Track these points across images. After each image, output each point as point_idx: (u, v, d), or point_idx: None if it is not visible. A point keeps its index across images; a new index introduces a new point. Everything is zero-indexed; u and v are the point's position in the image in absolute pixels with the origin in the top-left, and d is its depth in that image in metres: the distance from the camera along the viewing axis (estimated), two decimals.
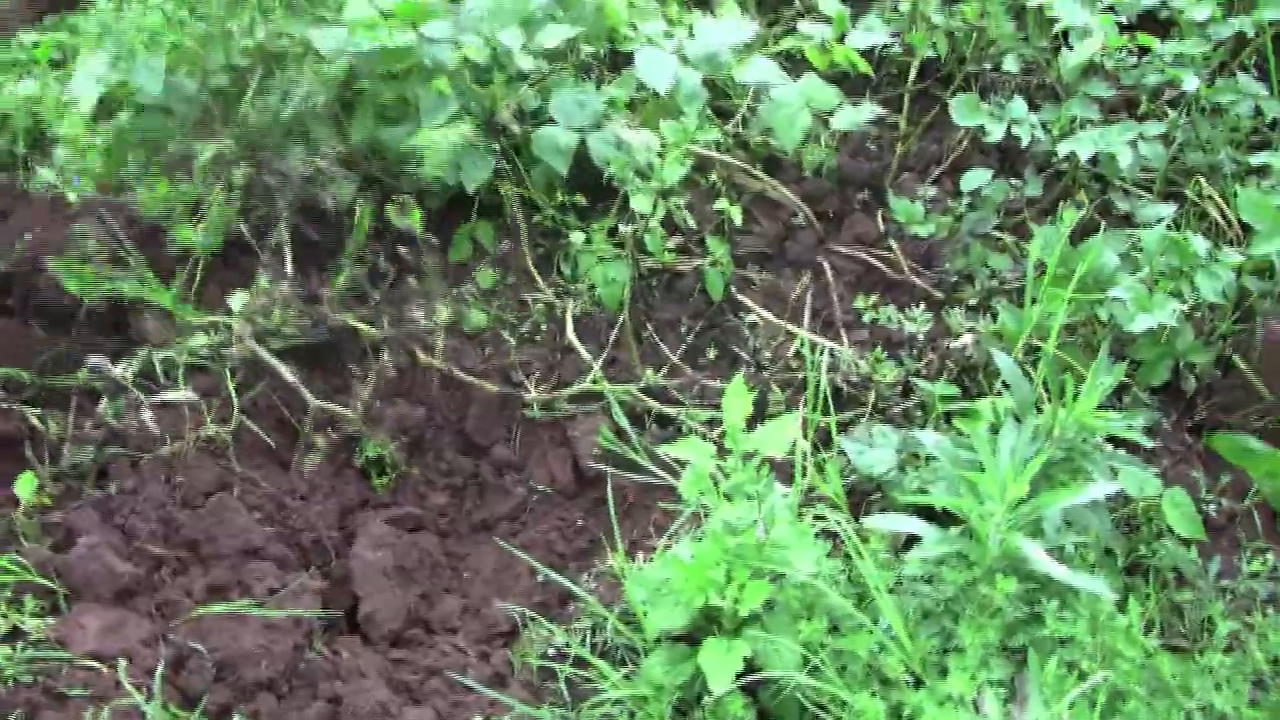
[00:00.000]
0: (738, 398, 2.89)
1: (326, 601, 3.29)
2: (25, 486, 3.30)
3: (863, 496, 3.43)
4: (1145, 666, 2.90)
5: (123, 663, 2.98)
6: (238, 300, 3.73)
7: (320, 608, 3.26)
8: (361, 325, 3.82)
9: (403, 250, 3.89)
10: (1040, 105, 4.16)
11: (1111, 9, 4.03)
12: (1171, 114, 4.03)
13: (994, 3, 4.21)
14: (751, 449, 2.90)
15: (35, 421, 3.53)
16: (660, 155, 3.66)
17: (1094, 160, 3.85)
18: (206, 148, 3.96)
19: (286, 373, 3.67)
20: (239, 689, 3.04)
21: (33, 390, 3.63)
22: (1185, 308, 3.50)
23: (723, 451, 2.97)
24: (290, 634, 3.14)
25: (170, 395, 3.58)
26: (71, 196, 3.89)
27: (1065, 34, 4.00)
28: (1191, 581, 3.34)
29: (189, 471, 3.47)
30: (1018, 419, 3.10)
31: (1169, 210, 3.83)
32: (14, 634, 3.02)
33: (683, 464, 3.50)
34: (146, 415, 3.50)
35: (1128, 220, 3.93)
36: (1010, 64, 4.14)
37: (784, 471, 3.41)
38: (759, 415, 3.37)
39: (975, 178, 4.02)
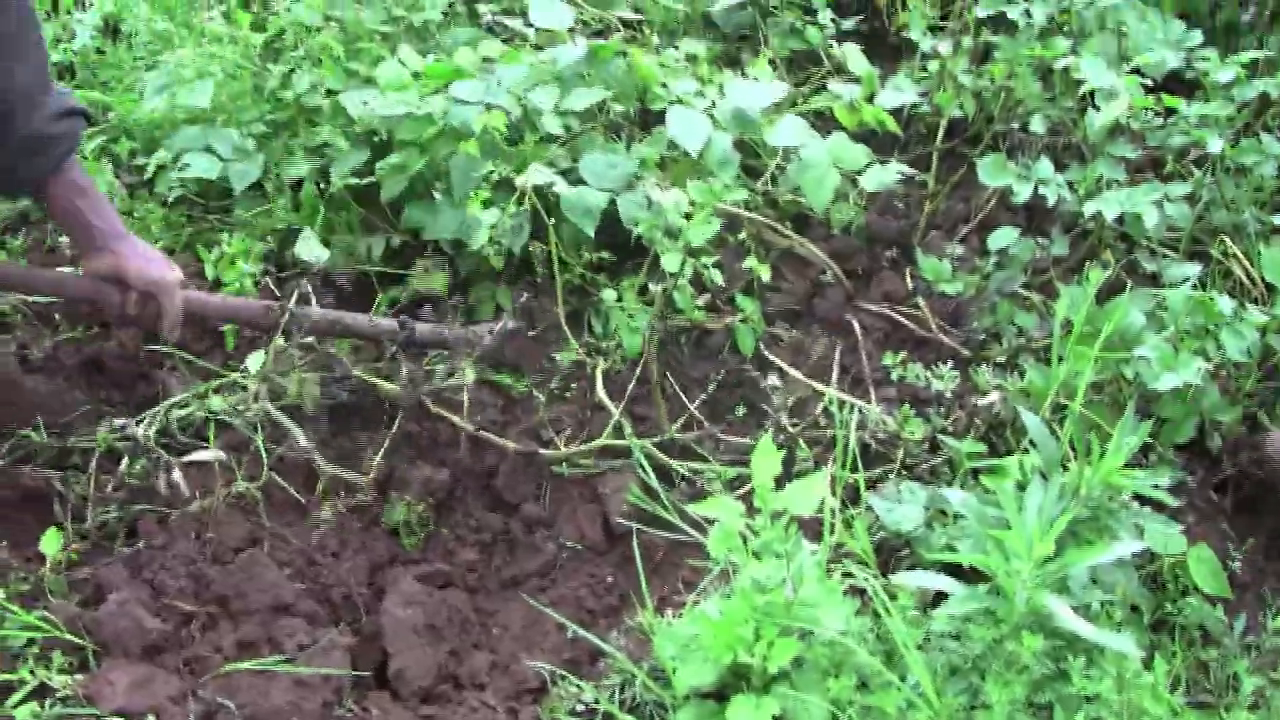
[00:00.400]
0: (766, 457, 2.91)
1: (356, 658, 3.30)
2: (51, 543, 3.31)
3: (891, 553, 3.44)
4: None
5: (151, 719, 3.01)
6: (254, 361, 3.76)
7: (350, 664, 3.27)
8: (384, 383, 3.85)
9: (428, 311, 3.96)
10: (1067, 165, 4.18)
11: (1137, 70, 4.06)
12: (1196, 174, 4.05)
13: (1021, 64, 4.24)
14: (780, 507, 2.92)
15: (58, 484, 3.57)
16: (688, 216, 3.68)
17: (1120, 220, 3.87)
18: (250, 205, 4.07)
19: (301, 437, 3.69)
20: None
21: (55, 449, 3.67)
22: (1210, 366, 3.52)
23: (751, 510, 2.99)
24: (320, 690, 3.16)
25: (200, 455, 3.60)
26: None
27: (1091, 95, 4.02)
28: (1217, 639, 3.34)
29: (219, 528, 3.50)
30: (1044, 477, 3.11)
31: (1194, 270, 3.84)
32: (42, 690, 3.03)
33: (711, 521, 3.53)
34: (176, 475, 3.53)
35: (1153, 280, 3.95)
36: (1037, 125, 4.17)
37: (812, 528, 3.42)
38: (787, 472, 3.39)
39: (1002, 237, 4.04)
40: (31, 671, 3.05)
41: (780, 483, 2.98)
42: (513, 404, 4.00)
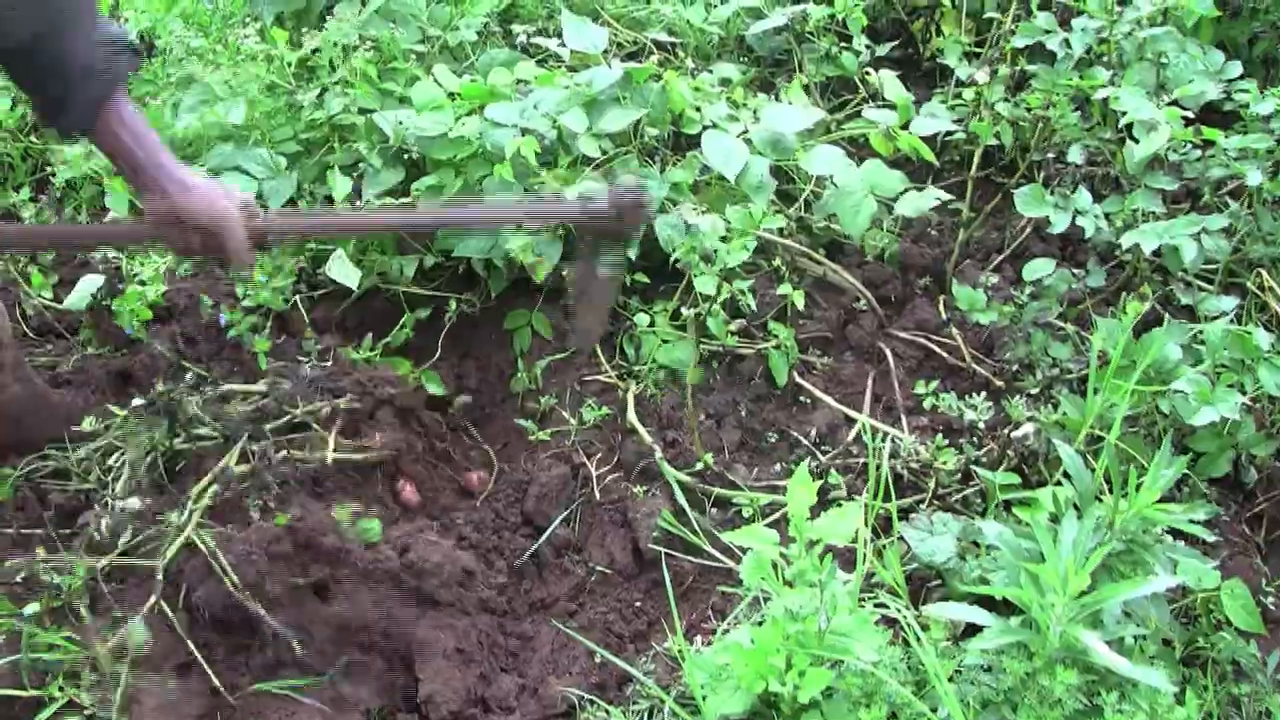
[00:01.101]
0: (802, 486, 2.90)
1: (385, 681, 3.29)
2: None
3: (921, 584, 3.43)
4: None
5: None
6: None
7: (379, 688, 3.27)
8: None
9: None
10: (1104, 196, 4.16)
11: (1175, 102, 4.04)
12: (1233, 205, 4.03)
13: (1059, 93, 4.23)
14: (815, 537, 2.90)
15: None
16: (725, 239, 3.68)
17: (1157, 252, 3.85)
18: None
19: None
20: None
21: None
22: (1247, 400, 3.50)
23: (784, 538, 2.98)
24: (350, 714, 3.16)
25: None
26: None
27: (1129, 126, 4.00)
28: (1250, 674, 3.31)
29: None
30: (1078, 509, 3.10)
31: (1233, 303, 3.82)
32: (70, 706, 3.04)
33: (743, 548, 3.52)
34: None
35: (1189, 312, 3.93)
36: (1075, 155, 4.15)
37: (844, 557, 3.41)
38: (819, 500, 3.38)
39: (1038, 268, 4.02)
40: (61, 689, 3.05)
41: (813, 511, 2.97)
42: (543, 426, 4.01)
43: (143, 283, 4.00)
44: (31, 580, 3.28)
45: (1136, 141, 3.94)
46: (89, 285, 4.10)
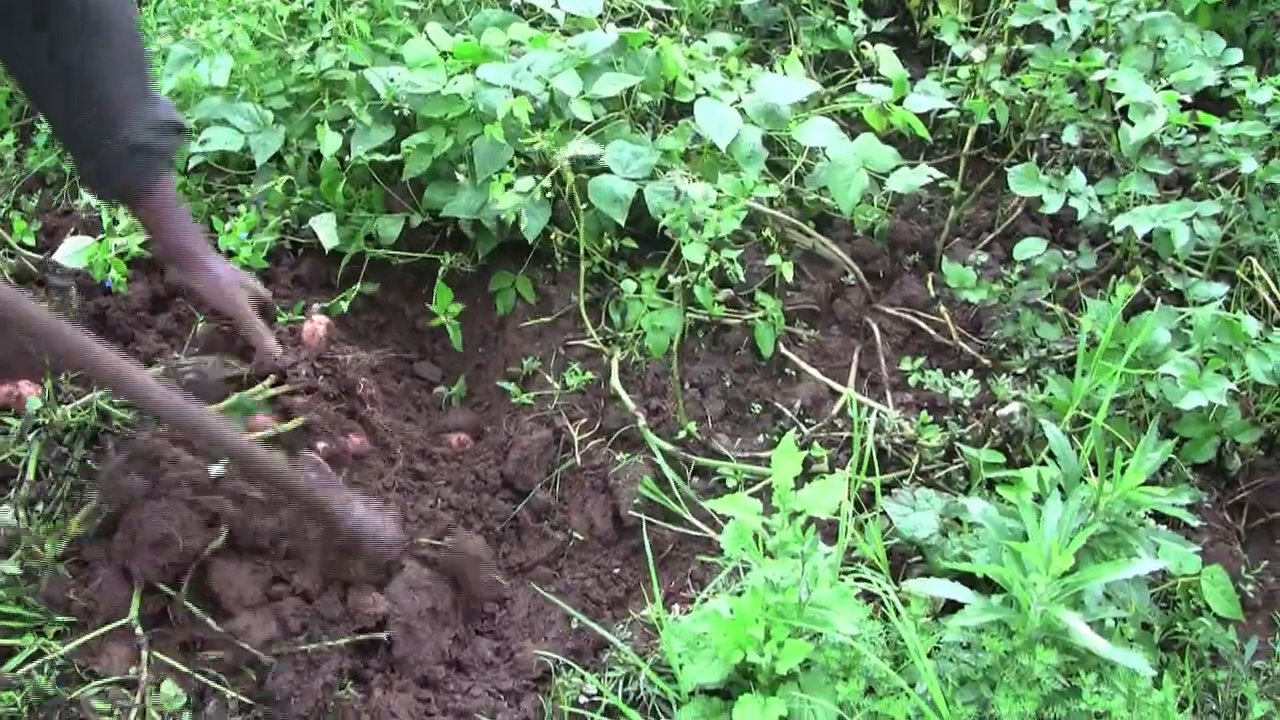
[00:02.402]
0: (787, 457, 2.88)
1: (359, 641, 3.27)
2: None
3: (901, 559, 3.42)
4: None
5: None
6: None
7: (353, 647, 3.26)
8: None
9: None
10: (1097, 178, 4.15)
11: (1170, 87, 4.02)
12: (1224, 193, 4.02)
13: (1055, 74, 4.21)
14: (798, 508, 2.89)
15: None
16: (717, 208, 3.65)
17: (1148, 237, 3.83)
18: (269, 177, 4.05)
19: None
20: None
21: None
22: (1234, 387, 3.49)
23: (767, 508, 2.96)
24: (321, 672, 3.14)
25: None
26: None
27: (1124, 109, 3.98)
28: (1227, 660, 3.32)
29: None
30: (1062, 490, 3.09)
31: (1222, 290, 3.81)
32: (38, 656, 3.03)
33: (724, 517, 3.50)
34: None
35: (1179, 297, 3.92)
36: (1070, 135, 4.13)
37: (825, 530, 3.40)
38: (802, 473, 3.36)
39: (1029, 247, 4.00)
40: (23, 636, 3.03)
41: (796, 483, 2.95)
42: (525, 389, 4.00)
43: (122, 235, 3.96)
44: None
45: (1132, 124, 3.92)
46: (80, 244, 4.06)
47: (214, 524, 3.20)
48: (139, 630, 3.09)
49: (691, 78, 4.19)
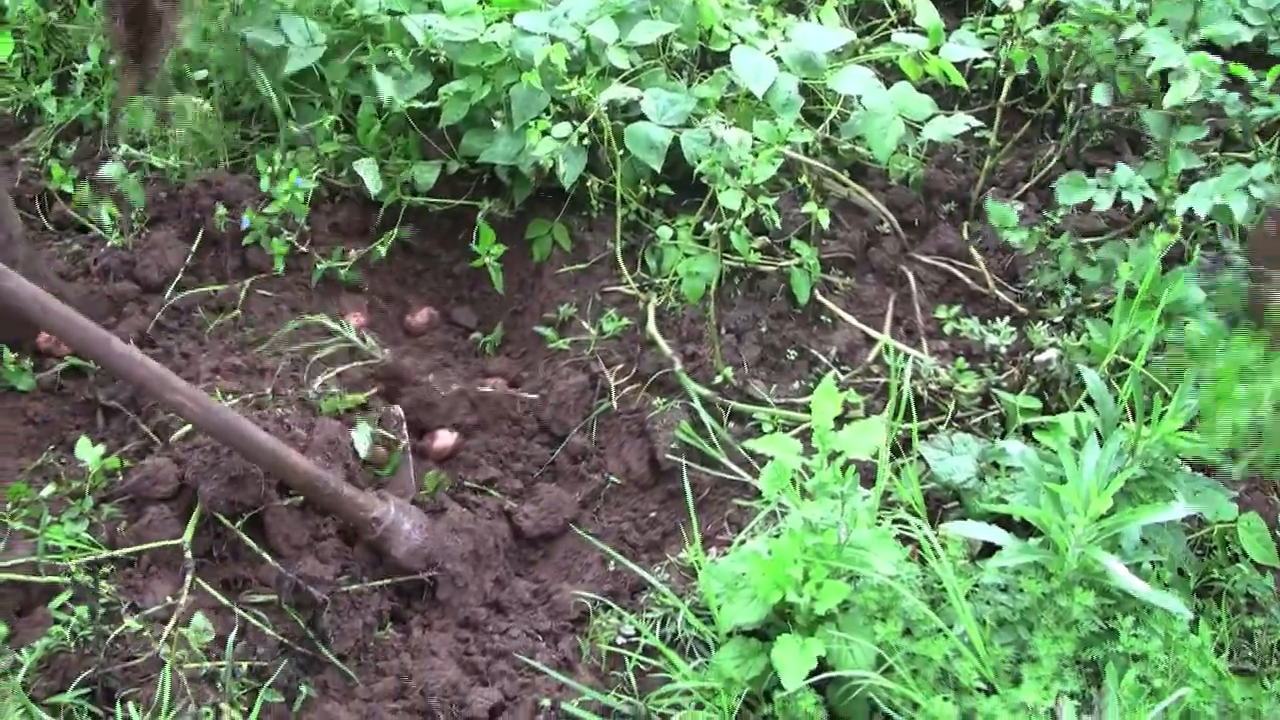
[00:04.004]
0: (827, 398, 2.89)
1: (402, 582, 3.31)
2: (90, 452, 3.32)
3: (937, 505, 3.42)
4: (1215, 688, 2.89)
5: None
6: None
7: (395, 588, 3.29)
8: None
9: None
10: (1136, 134, 4.12)
11: (1209, 41, 4.00)
12: (1261, 146, 3.99)
13: (1094, 22, 4.17)
14: (838, 449, 2.90)
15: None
16: (753, 154, 3.65)
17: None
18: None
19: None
20: (306, 663, 3.08)
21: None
22: None
23: (805, 452, 2.97)
24: (362, 612, 3.17)
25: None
26: None
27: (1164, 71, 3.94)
28: (1263, 607, 3.32)
29: None
30: (1099, 435, 3.09)
31: None
32: (80, 595, 3.04)
33: (760, 461, 3.52)
34: None
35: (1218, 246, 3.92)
36: (1100, 95, 4.09)
37: (862, 475, 3.41)
38: (838, 419, 3.37)
39: (1070, 181, 3.96)
40: (71, 575, 3.05)
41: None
42: (562, 335, 4.01)
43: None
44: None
45: (1164, 77, 3.89)
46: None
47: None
48: (189, 554, 3.15)
49: (727, 27, 4.18)
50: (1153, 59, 3.89)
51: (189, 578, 3.12)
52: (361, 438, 3.47)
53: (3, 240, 3.58)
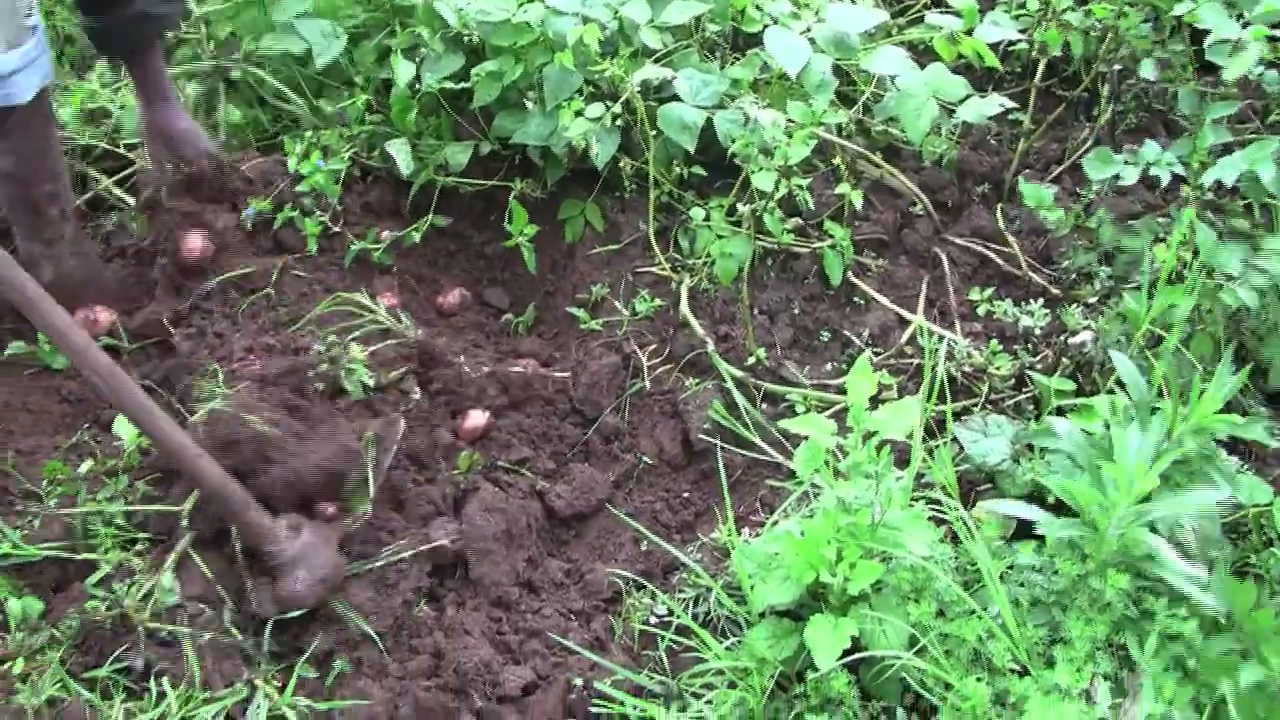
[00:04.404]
0: (863, 378, 2.88)
1: (436, 561, 3.31)
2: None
3: (970, 487, 3.42)
4: None
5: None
6: None
7: (430, 567, 3.30)
8: None
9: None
10: (1169, 115, 4.10)
11: (1248, 23, 3.97)
12: None
13: (1129, 4, 4.15)
14: (873, 429, 2.89)
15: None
16: (787, 135, 3.64)
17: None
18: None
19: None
20: (343, 639, 3.09)
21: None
22: None
23: (840, 431, 2.96)
24: (399, 591, 3.18)
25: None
26: None
27: (1196, 36, 3.91)
28: None
29: None
30: (1136, 415, 3.08)
31: None
32: (123, 569, 3.09)
33: (793, 442, 3.52)
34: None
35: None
36: (1147, 70, 4.06)
37: (895, 456, 3.40)
38: (871, 399, 3.37)
39: (1099, 157, 3.94)
40: (106, 551, 3.07)
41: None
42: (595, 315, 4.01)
43: None
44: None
45: (1202, 50, 3.86)
46: None
47: None
48: (184, 523, 3.17)
49: (759, 7, 4.17)
50: (1206, 40, 3.86)
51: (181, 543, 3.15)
52: None
53: (55, 215, 3.63)
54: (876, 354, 3.83)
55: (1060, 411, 3.48)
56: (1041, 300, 3.85)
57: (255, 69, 4.36)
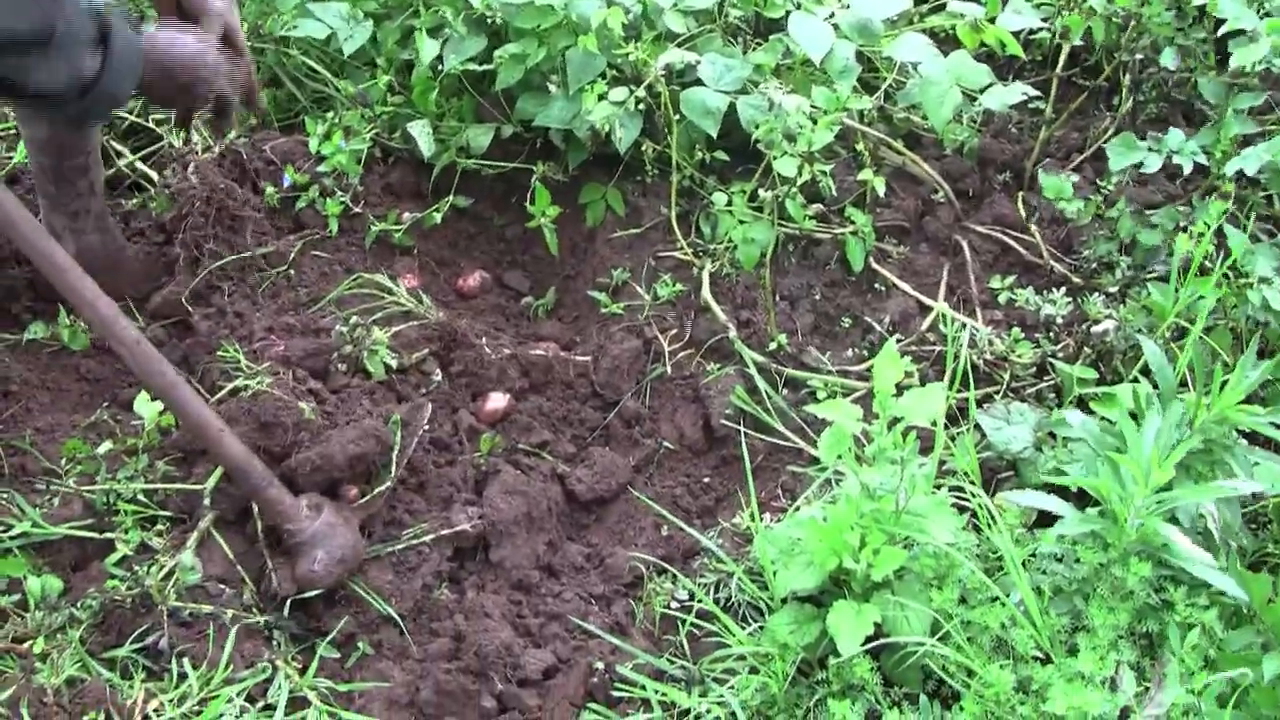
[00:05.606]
0: (889, 363, 2.88)
1: (457, 544, 3.32)
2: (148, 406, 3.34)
3: (992, 475, 3.42)
4: None
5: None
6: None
7: (451, 550, 3.30)
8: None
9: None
10: (1193, 104, 4.09)
11: (1269, 14, 3.96)
12: None
13: None
14: (898, 414, 2.89)
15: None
16: (810, 120, 3.64)
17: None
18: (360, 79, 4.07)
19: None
20: (365, 621, 3.09)
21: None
22: None
23: (865, 416, 2.96)
24: (420, 574, 3.19)
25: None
26: None
27: (1230, 34, 3.90)
28: None
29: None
30: (1158, 405, 3.08)
31: None
32: (143, 549, 3.09)
33: (814, 428, 3.52)
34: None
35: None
36: (1168, 59, 4.06)
37: (917, 442, 3.41)
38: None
39: (1122, 143, 3.93)
40: (126, 531, 3.08)
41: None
42: (616, 299, 4.01)
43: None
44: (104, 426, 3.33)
45: (1222, 44, 3.86)
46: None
47: None
48: (207, 501, 3.16)
49: None
50: (1222, 28, 3.85)
51: (204, 522, 3.16)
52: None
53: (84, 188, 3.60)
54: (898, 341, 3.83)
55: (1082, 400, 3.48)
56: (1063, 289, 3.85)
57: (283, 48, 4.36)
